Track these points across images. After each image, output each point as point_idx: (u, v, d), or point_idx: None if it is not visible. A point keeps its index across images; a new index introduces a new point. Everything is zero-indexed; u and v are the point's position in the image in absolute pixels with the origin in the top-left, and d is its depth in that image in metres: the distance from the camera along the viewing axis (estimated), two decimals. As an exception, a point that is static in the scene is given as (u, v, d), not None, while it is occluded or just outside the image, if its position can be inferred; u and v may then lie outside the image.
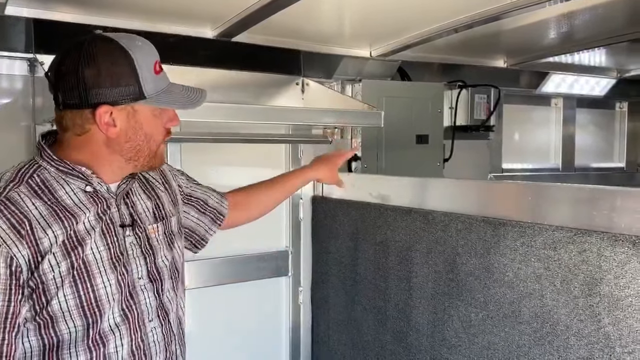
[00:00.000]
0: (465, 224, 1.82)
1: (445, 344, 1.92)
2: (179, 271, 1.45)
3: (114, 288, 1.23)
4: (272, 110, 2.38)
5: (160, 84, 1.25)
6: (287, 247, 2.75)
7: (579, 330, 1.48)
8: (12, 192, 1.17)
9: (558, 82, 3.65)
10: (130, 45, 1.21)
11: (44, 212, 1.17)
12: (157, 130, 1.29)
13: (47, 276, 1.15)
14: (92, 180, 1.24)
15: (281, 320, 2.79)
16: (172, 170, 1.62)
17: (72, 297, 1.17)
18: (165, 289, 1.37)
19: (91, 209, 1.23)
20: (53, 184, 1.21)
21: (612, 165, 4.40)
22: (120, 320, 1.25)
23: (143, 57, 1.21)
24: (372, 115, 2.45)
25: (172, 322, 1.39)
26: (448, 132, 3.17)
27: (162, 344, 1.35)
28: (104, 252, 1.23)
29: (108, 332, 1.23)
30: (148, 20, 2.15)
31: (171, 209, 1.48)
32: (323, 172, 2.06)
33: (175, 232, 1.47)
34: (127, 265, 1.27)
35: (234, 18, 2.14)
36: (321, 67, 2.70)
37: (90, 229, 1.21)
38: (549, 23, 2.50)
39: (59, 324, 1.18)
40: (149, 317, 1.32)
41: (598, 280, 1.42)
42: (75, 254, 1.18)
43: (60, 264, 1.16)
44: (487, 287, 1.74)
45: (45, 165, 1.23)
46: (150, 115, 1.26)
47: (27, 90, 2.08)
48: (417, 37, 2.51)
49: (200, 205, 1.67)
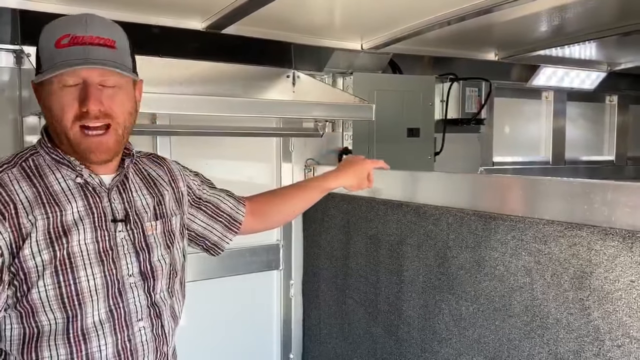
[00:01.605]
0: (457, 218, 1.82)
1: (436, 337, 1.93)
2: (177, 272, 1.40)
3: (98, 282, 1.20)
4: (263, 103, 2.37)
5: (57, 57, 1.15)
6: (279, 241, 2.74)
7: (568, 323, 1.48)
8: (4, 174, 1.17)
9: (549, 75, 3.66)
10: (54, 21, 1.20)
11: (30, 196, 1.16)
12: (60, 108, 1.17)
13: (27, 263, 1.13)
14: (82, 172, 1.23)
15: (272, 314, 2.79)
16: (184, 171, 1.55)
17: (52, 287, 1.15)
18: (159, 289, 1.32)
19: (79, 200, 1.21)
20: (45, 169, 1.22)
21: (602, 159, 4.42)
22: (105, 318, 1.21)
23: (50, 32, 1.18)
24: (363, 108, 2.44)
25: (164, 323, 1.34)
26: (439, 125, 3.17)
27: (151, 345, 1.30)
28: (91, 245, 1.20)
29: (91, 329, 1.20)
30: (136, 12, 2.12)
31: (174, 209, 1.43)
32: (352, 180, 1.84)
33: (177, 232, 1.42)
34: (116, 261, 1.24)
35: (224, 10, 2.12)
36: (312, 60, 2.69)
37: (78, 220, 1.19)
38: (540, 16, 2.50)
39: (39, 314, 1.16)
40: (138, 317, 1.27)
41: (588, 273, 1.43)
42: (59, 244, 1.16)
43: (42, 252, 1.14)
44: (478, 280, 1.75)
45: (41, 153, 1.24)
46: (51, 91, 1.17)
47: (14, 82, 2.05)
48: (408, 30, 2.50)
49: (211, 209, 1.58)
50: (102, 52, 1.18)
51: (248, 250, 2.64)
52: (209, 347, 2.56)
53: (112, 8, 2.01)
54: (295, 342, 2.81)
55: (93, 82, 1.17)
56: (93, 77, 1.17)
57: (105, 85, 1.19)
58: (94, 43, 1.17)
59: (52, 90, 1.18)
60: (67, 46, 1.15)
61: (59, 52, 1.15)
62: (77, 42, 1.16)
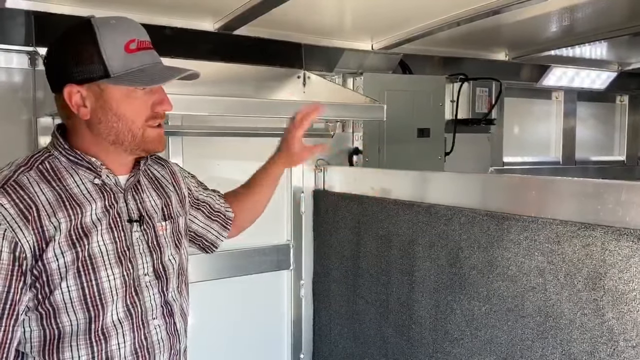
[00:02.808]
0: (469, 218, 1.81)
1: (448, 338, 1.93)
2: (184, 272, 1.44)
3: (118, 282, 1.22)
4: (275, 103, 2.37)
5: (132, 62, 1.18)
6: (289, 241, 2.75)
7: (582, 324, 1.48)
8: (22, 176, 1.17)
9: (559, 76, 3.65)
10: (101, 23, 1.18)
11: (51, 198, 1.16)
12: (134, 112, 1.21)
13: (51, 265, 1.14)
14: (101, 172, 1.23)
15: (283, 314, 2.79)
16: (183, 172, 1.58)
17: (75, 288, 1.16)
18: (171, 288, 1.35)
19: (98, 201, 1.22)
20: (62, 172, 1.21)
21: (612, 159, 4.40)
22: (124, 316, 1.23)
23: (111, 35, 1.17)
24: (374, 108, 2.44)
25: (176, 321, 1.36)
26: (449, 125, 3.16)
27: (166, 342, 1.32)
28: (110, 246, 1.21)
29: (111, 327, 1.21)
30: (148, 13, 2.14)
31: (179, 210, 1.45)
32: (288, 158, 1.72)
33: (182, 232, 1.45)
34: (132, 261, 1.25)
35: (236, 11, 2.13)
36: (322, 60, 2.69)
37: (96, 221, 1.20)
38: (550, 16, 2.49)
39: (61, 315, 1.16)
40: (153, 315, 1.29)
41: (602, 274, 1.42)
42: (81, 245, 1.17)
43: (65, 254, 1.15)
44: (490, 280, 1.74)
45: (57, 155, 1.23)
46: (123, 96, 1.20)
47: (28, 84, 2.07)
48: (418, 30, 2.51)
49: (207, 209, 1.63)
50: (157, 55, 1.25)
51: (258, 250, 2.64)
52: (220, 347, 2.57)
53: (124, 9, 2.02)
54: (306, 342, 2.81)
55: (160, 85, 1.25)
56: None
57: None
58: (152, 48, 1.24)
59: (122, 94, 1.20)
60: (136, 51, 1.19)
61: (132, 57, 1.18)
62: (143, 47, 1.21)
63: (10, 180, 1.15)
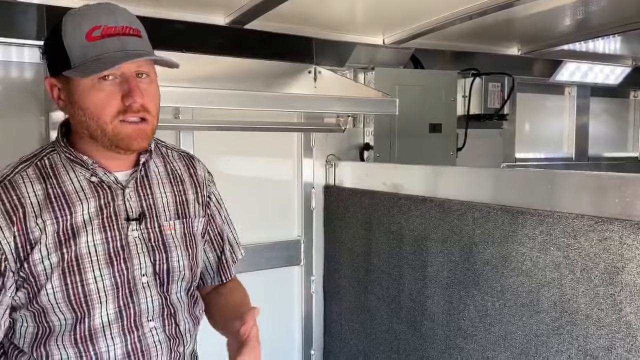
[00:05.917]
0: (483, 213, 1.80)
1: (461, 333, 1.91)
2: (195, 276, 1.35)
3: (107, 283, 1.17)
4: (284, 97, 2.36)
5: (91, 51, 1.10)
6: (300, 237, 2.73)
7: (599, 319, 1.46)
8: (17, 175, 1.16)
9: (572, 71, 3.61)
10: (72, 13, 1.15)
11: (40, 199, 1.14)
12: (98, 105, 1.12)
13: (37, 267, 1.12)
14: (96, 171, 1.19)
15: (293, 310, 2.78)
16: (208, 177, 1.45)
17: (59, 289, 1.14)
18: (175, 290, 1.28)
19: (92, 200, 1.18)
20: (60, 168, 1.19)
21: (625, 155, 4.36)
22: (114, 318, 1.19)
23: (74, 24, 1.12)
24: (386, 103, 2.43)
25: (179, 322, 1.29)
26: (461, 120, 3.13)
27: (164, 345, 1.26)
28: (101, 246, 1.17)
29: (99, 329, 1.17)
30: (160, 7, 2.13)
31: (197, 210, 1.37)
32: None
33: (198, 235, 1.36)
34: (127, 261, 1.20)
35: (247, 5, 2.12)
36: (334, 55, 2.67)
37: (88, 221, 1.17)
38: (563, 10, 2.47)
39: (50, 314, 1.15)
40: (149, 317, 1.23)
41: (619, 268, 1.40)
42: (67, 246, 1.14)
43: (50, 256, 1.13)
44: (505, 276, 1.72)
45: (58, 151, 1.22)
46: (86, 88, 1.12)
47: (39, 78, 2.06)
48: (430, 25, 2.49)
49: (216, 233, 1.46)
50: (134, 42, 1.14)
51: (268, 245, 2.63)
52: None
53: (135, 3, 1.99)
54: (317, 338, 2.80)
55: (131, 74, 1.14)
56: (130, 69, 1.13)
57: (140, 77, 1.15)
58: (126, 33, 1.13)
59: (86, 86, 1.12)
60: (99, 38, 1.10)
61: (92, 45, 1.10)
62: (110, 33, 1.11)
63: (5, 180, 1.15)
